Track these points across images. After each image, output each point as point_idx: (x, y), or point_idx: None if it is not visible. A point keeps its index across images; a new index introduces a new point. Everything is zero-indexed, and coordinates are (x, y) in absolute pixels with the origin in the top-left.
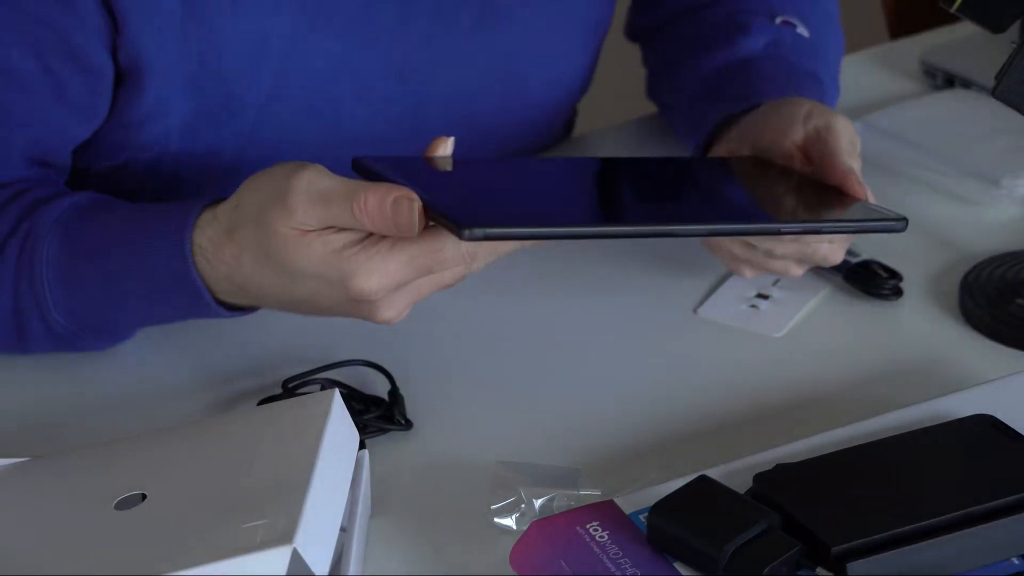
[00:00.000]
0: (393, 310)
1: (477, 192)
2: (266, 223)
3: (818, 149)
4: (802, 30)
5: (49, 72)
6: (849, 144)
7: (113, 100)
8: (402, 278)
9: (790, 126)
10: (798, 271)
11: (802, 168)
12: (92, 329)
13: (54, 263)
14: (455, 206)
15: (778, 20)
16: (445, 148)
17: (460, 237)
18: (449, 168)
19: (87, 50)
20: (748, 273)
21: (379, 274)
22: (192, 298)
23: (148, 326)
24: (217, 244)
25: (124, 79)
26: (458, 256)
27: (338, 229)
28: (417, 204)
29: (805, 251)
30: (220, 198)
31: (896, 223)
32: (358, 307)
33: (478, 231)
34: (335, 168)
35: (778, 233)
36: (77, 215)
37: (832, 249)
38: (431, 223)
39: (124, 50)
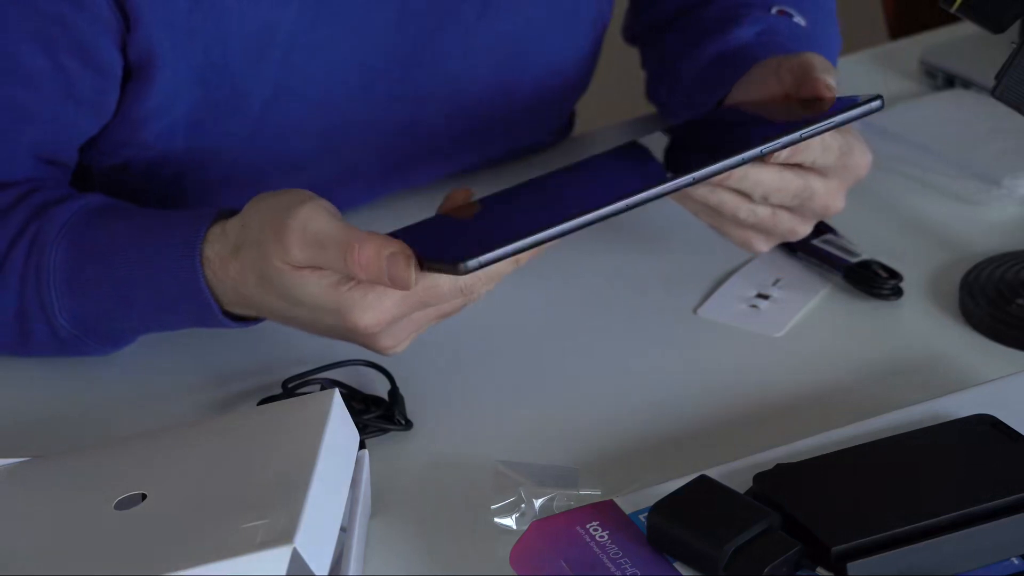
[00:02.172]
0: (392, 340)
1: (463, 230)
2: (264, 253)
3: (794, 82)
4: (799, 19)
5: (59, 69)
6: (823, 66)
7: (120, 96)
8: (398, 313)
9: (764, 80)
10: (805, 227)
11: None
12: (96, 334)
13: (62, 268)
14: (446, 248)
15: (774, 11)
16: (467, 197)
17: (460, 273)
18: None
19: (98, 47)
20: (762, 245)
21: (374, 311)
22: (200, 308)
23: (152, 333)
24: (223, 259)
25: (132, 75)
26: (454, 290)
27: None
28: (413, 260)
29: (800, 188)
30: (230, 211)
31: (871, 102)
32: (356, 337)
33: (473, 262)
34: (338, 162)
35: (761, 156)
36: (86, 219)
37: (828, 189)
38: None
39: (134, 46)
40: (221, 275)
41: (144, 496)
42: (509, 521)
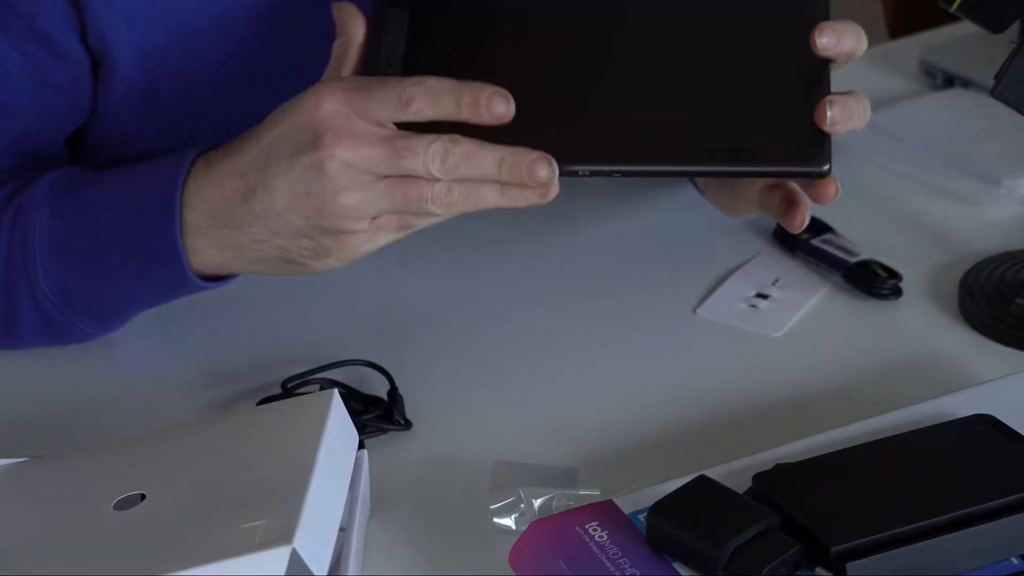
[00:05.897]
0: (339, 131)
1: None
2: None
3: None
4: None
5: (28, 58)
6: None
7: (94, 89)
8: (354, 84)
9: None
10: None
11: None
12: (79, 307)
13: (46, 233)
14: None
15: None
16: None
17: None
18: None
19: (58, 36)
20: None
21: (332, 83)
22: (168, 231)
23: (132, 302)
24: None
25: (99, 66)
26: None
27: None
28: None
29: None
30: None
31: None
32: (305, 135)
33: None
34: None
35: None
36: (68, 181)
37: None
38: None
39: (91, 34)
40: (195, 188)
41: (143, 496)
42: (508, 521)
